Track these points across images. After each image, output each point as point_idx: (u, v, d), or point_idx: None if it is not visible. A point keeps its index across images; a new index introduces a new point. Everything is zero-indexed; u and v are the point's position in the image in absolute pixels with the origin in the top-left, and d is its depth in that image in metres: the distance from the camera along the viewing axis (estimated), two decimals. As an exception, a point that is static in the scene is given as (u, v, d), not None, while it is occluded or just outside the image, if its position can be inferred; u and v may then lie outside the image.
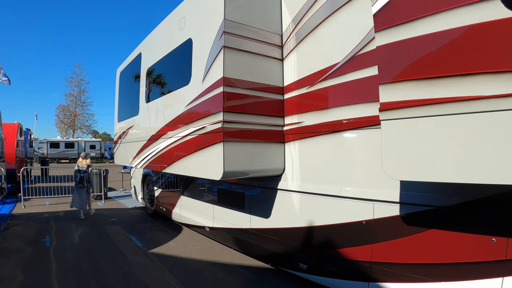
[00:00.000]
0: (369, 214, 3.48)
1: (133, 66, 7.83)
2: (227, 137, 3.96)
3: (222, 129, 3.96)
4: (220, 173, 3.93)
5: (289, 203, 4.45)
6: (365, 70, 3.50)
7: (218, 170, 3.97)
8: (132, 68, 7.95)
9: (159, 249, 6.28)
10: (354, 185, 3.66)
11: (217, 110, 4.07)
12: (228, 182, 5.53)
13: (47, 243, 6.58)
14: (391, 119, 2.62)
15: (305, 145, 4.26)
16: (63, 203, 11.27)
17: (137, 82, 7.40)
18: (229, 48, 4.05)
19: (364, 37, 3.51)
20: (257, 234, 5.00)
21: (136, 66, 7.42)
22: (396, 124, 2.59)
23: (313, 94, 4.16)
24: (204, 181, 6.38)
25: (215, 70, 4.15)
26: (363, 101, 3.54)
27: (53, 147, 41.68)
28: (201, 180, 6.48)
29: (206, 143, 4.26)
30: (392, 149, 2.63)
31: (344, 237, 3.77)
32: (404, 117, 2.51)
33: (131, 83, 8.08)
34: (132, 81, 8.02)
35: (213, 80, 4.17)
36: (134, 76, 7.66)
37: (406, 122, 2.51)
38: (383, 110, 2.67)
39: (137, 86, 7.39)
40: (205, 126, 4.30)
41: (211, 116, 4.19)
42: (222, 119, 3.97)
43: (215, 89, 4.13)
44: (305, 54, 4.31)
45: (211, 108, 4.22)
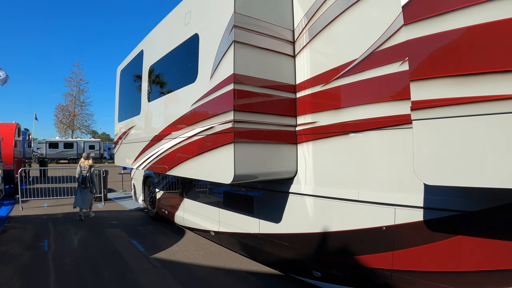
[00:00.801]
0: (390, 220, 3.27)
1: (134, 64, 7.58)
2: (238, 137, 3.72)
3: (232, 129, 3.72)
4: (231, 176, 3.69)
5: (302, 207, 4.21)
6: (385, 67, 3.31)
7: (228, 173, 3.73)
8: (133, 66, 7.70)
9: (162, 254, 6.03)
10: (374, 189, 3.45)
11: (227, 109, 3.83)
12: (235, 185, 5.29)
13: (45, 248, 6.32)
14: (424, 119, 2.42)
15: (319, 146, 4.03)
16: (62, 205, 11.03)
17: (138, 80, 7.15)
18: (239, 43, 3.81)
19: (384, 33, 3.31)
20: (266, 240, 4.76)
21: (137, 64, 7.17)
22: (430, 124, 2.38)
23: (328, 92, 3.93)
24: (209, 183, 6.13)
25: (224, 66, 3.91)
26: (384, 100, 3.35)
27: (52, 148, 41.39)
28: (205, 182, 6.23)
29: (215, 144, 4.01)
30: (426, 151, 2.44)
31: (362, 243, 3.56)
32: (440, 116, 2.31)
33: (132, 81, 7.83)
34: (133, 79, 7.77)
35: (222, 77, 3.93)
36: (136, 74, 7.41)
37: (442, 122, 2.31)
38: (416, 109, 2.46)
39: (138, 84, 7.15)
40: (214, 126, 4.06)
41: (220, 115, 3.95)
42: (233, 118, 3.72)
43: (224, 86, 3.89)
44: (319, 51, 4.08)
45: (220, 107, 3.98)
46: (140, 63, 6.97)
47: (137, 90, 7.34)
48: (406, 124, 3.11)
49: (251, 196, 5.04)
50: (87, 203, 9.17)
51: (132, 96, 7.82)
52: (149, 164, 6.26)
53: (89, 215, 9.39)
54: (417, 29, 2.41)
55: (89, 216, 9.36)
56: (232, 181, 3.70)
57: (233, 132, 3.70)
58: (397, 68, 3.20)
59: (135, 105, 7.42)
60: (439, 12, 2.27)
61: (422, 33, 2.39)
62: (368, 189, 3.49)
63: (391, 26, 3.24)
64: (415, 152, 2.48)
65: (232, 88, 3.74)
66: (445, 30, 2.25)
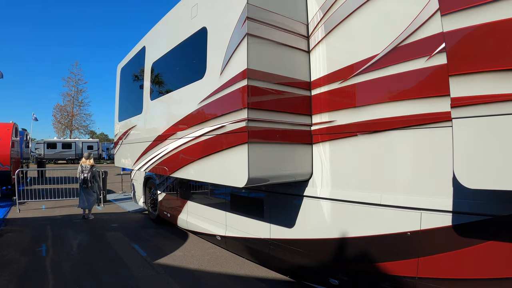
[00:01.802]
0: (415, 225, 3.06)
1: (136, 61, 7.30)
2: (252, 137, 3.45)
3: (246, 129, 3.45)
4: (244, 179, 3.42)
5: (317, 211, 3.96)
6: (409, 63, 3.10)
7: (241, 176, 3.46)
8: (134, 63, 7.42)
9: (165, 260, 5.76)
10: (398, 192, 3.23)
11: (239, 107, 3.56)
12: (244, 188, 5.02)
13: (43, 253, 6.03)
14: (466, 117, 2.22)
15: (337, 146, 3.78)
16: (60, 207, 10.75)
17: (140, 78, 6.88)
18: (253, 36, 3.55)
19: (408, 26, 3.10)
20: (278, 245, 4.50)
21: (139, 61, 6.89)
22: (472, 122, 2.17)
23: (347, 89, 3.68)
24: (215, 185, 5.86)
25: (236, 61, 3.64)
26: (408, 98, 3.13)
27: (50, 148, 41.06)
28: (211, 184, 5.96)
29: (226, 144, 3.74)
30: (468, 152, 2.23)
31: (385, 250, 3.34)
32: (483, 114, 2.11)
33: (134, 79, 7.56)
34: (134, 77, 7.49)
35: (233, 72, 3.66)
36: (137, 72, 7.14)
37: (486, 121, 2.10)
38: (456, 107, 2.26)
39: (140, 82, 6.87)
40: (225, 125, 3.79)
41: (232, 113, 3.68)
42: (247, 117, 3.45)
43: (236, 82, 3.62)
44: (336, 46, 3.83)
45: (231, 105, 3.71)
46: (142, 60, 6.69)
47: (138, 88, 7.06)
48: (434, 123, 2.94)
49: (261, 199, 4.77)
50: (91, 203, 9.11)
51: (133, 95, 7.54)
52: (152, 166, 5.98)
53: (89, 217, 9.14)
54: (457, 20, 2.22)
55: (88, 218, 9.12)
56: (246, 185, 3.43)
57: (247, 132, 3.43)
58: (423, 63, 3.00)
59: (137, 104, 7.15)
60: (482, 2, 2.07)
61: (463, 24, 2.20)
62: (391, 192, 3.27)
63: (416, 19, 3.04)
64: (456, 153, 2.29)
65: (245, 84, 3.47)
66: (491, 21, 2.06)
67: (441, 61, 2.88)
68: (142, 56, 6.70)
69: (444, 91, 2.85)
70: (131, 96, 7.76)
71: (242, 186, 3.47)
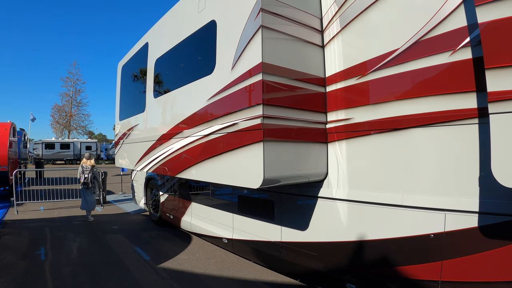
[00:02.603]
0: (439, 226, 2.91)
1: (138, 58, 7.08)
2: (267, 136, 3.24)
3: (261, 126, 3.24)
4: (259, 180, 3.22)
5: (333, 213, 3.77)
6: (432, 58, 2.94)
7: (256, 177, 3.25)
8: (136, 60, 7.20)
9: (169, 263, 5.55)
10: (420, 192, 3.06)
11: (254, 103, 3.35)
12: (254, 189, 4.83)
13: (42, 257, 5.81)
14: (505, 112, 2.09)
15: (355, 145, 3.58)
16: (59, 208, 10.54)
17: (142, 75, 6.66)
18: (267, 28, 3.35)
19: (431, 19, 2.94)
20: (289, 249, 4.30)
21: (141, 57, 6.67)
22: None
23: (364, 85, 3.49)
24: (221, 186, 5.66)
25: (249, 55, 3.44)
26: (431, 94, 2.97)
27: (48, 148, 40.82)
28: (216, 185, 5.75)
29: (239, 143, 3.54)
30: (507, 149, 2.11)
31: (406, 253, 3.18)
32: None
33: (136, 77, 7.34)
34: (136, 75, 7.28)
35: (246, 67, 3.46)
36: (140, 69, 6.91)
37: None
38: (494, 101, 2.13)
39: (142, 80, 6.65)
40: (237, 122, 3.58)
41: (246, 110, 3.47)
42: (262, 113, 3.25)
43: (250, 77, 3.42)
44: (353, 41, 3.64)
45: (245, 101, 3.50)
46: (144, 57, 6.48)
47: (140, 86, 6.85)
48: (459, 120, 2.79)
49: (271, 201, 4.56)
50: (93, 204, 9.07)
51: (135, 93, 7.33)
52: (155, 166, 5.77)
53: (88, 219, 8.97)
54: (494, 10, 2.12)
55: (87, 220, 8.94)
56: (260, 186, 3.23)
57: (262, 130, 3.22)
58: (447, 58, 2.84)
59: (139, 102, 6.94)
60: None
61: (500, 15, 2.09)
62: (413, 193, 3.10)
63: (439, 12, 2.89)
64: (493, 150, 2.18)
65: (260, 79, 3.27)
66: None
67: (466, 56, 2.74)
68: (145, 53, 6.48)
69: (469, 87, 2.74)
70: (133, 95, 7.54)
71: (257, 187, 3.26)
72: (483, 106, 2.62)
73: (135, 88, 7.40)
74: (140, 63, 6.84)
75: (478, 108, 2.68)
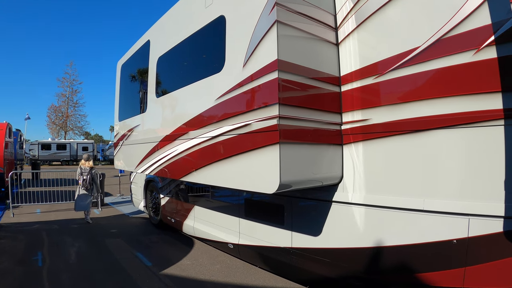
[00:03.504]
0: (462, 232, 2.79)
1: (138, 57, 6.87)
2: (284, 137, 3.05)
3: (277, 127, 3.05)
4: (274, 185, 3.03)
5: (348, 218, 3.59)
6: (455, 57, 2.82)
7: (271, 181, 3.06)
8: (137, 59, 6.99)
9: (172, 270, 5.34)
10: (443, 196, 2.93)
11: (269, 103, 3.16)
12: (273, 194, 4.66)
13: (39, 263, 5.57)
14: None
15: (373, 147, 3.41)
16: (56, 211, 10.28)
17: (144, 74, 6.44)
18: (282, 23, 3.16)
19: (453, 17, 2.81)
20: (300, 255, 4.12)
21: (142, 56, 6.46)
22: None
23: (383, 85, 3.33)
24: (226, 189, 5.45)
25: (263, 51, 3.26)
26: (455, 94, 2.84)
27: (45, 149, 40.47)
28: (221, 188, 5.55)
29: (251, 145, 3.34)
30: None
31: (427, 259, 3.04)
32: None
33: (136, 76, 7.13)
34: (137, 74, 7.06)
35: (260, 64, 3.27)
36: (141, 68, 6.70)
37: None
38: None
39: (144, 79, 6.44)
40: (250, 123, 3.39)
41: (259, 110, 3.28)
42: (278, 113, 3.06)
43: (264, 75, 3.23)
44: (370, 38, 3.48)
45: (258, 100, 3.31)
46: (146, 55, 6.27)
47: (142, 85, 6.65)
48: (485, 121, 2.67)
49: (281, 205, 4.37)
50: (88, 206, 8.88)
51: (135, 93, 7.12)
52: (158, 169, 5.56)
53: (87, 220, 8.82)
54: None
55: (86, 220, 8.80)
56: (276, 191, 3.04)
57: (278, 131, 3.03)
58: (470, 58, 2.72)
59: (140, 102, 6.75)
60: None
61: None
62: (435, 197, 2.96)
63: (461, 9, 2.76)
64: None
65: (276, 76, 3.08)
66: None
67: (490, 55, 2.62)
68: (146, 51, 6.28)
69: (495, 87, 2.62)
70: (133, 94, 7.32)
71: (272, 192, 3.07)
72: (510, 107, 2.54)
73: (135, 87, 7.19)
74: (141, 61, 6.64)
75: (504, 109, 2.58)
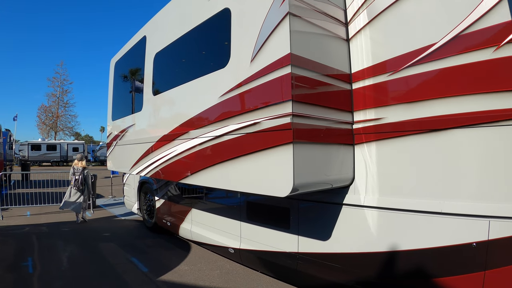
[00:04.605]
0: (482, 234, 2.67)
1: (134, 54, 6.62)
2: (297, 137, 2.86)
3: (291, 126, 2.86)
4: (287, 187, 2.83)
5: (361, 222, 3.42)
6: (474, 54, 2.70)
7: (283, 184, 2.86)
8: (132, 56, 6.74)
9: (170, 276, 5.11)
10: (462, 198, 2.79)
11: (281, 99, 2.96)
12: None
13: (30, 269, 5.29)
14: None
15: (387, 147, 3.24)
16: (47, 213, 9.96)
17: (139, 71, 6.20)
18: (294, 16, 2.98)
19: (473, 11, 2.68)
20: (308, 260, 3.93)
21: (138, 52, 6.22)
22: None
23: (398, 82, 3.16)
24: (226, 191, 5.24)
25: (274, 45, 3.06)
26: (475, 92, 2.71)
27: (35, 150, 39.74)
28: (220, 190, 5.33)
29: (261, 145, 3.14)
30: None
31: (444, 264, 2.92)
32: None
33: (131, 73, 6.88)
34: (132, 71, 6.82)
35: (270, 59, 3.08)
36: (136, 65, 6.46)
37: None
38: None
39: (140, 76, 6.19)
40: (259, 121, 3.19)
41: (270, 107, 3.08)
42: (291, 111, 2.86)
43: (275, 70, 3.03)
44: (383, 34, 3.31)
45: (269, 97, 3.11)
46: (142, 52, 6.02)
47: (137, 83, 6.41)
48: (505, 120, 2.55)
49: (286, 208, 4.17)
50: (79, 207, 8.78)
51: (130, 91, 6.87)
52: (155, 170, 5.32)
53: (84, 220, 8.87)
54: None
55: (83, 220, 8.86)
56: (290, 193, 2.85)
57: (292, 130, 2.84)
58: (490, 54, 2.60)
59: (135, 100, 6.50)
60: None
61: None
62: (454, 199, 2.82)
63: (480, 5, 2.64)
64: None
65: (288, 71, 2.89)
66: None
67: None
68: (142, 47, 6.03)
69: None
70: (128, 93, 7.08)
71: (285, 196, 2.88)
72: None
73: (130, 85, 6.94)
74: (136, 58, 6.40)
75: None
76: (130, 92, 6.92)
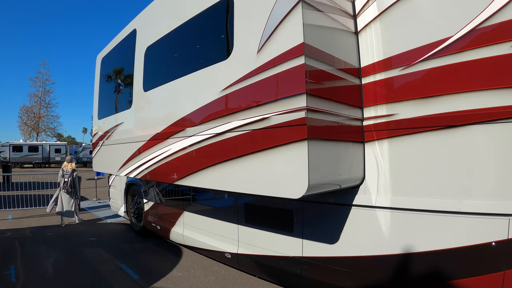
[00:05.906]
0: (502, 233, 2.59)
1: (122, 48, 6.31)
2: (312, 133, 2.65)
3: (305, 121, 2.64)
4: (301, 188, 2.61)
5: (372, 223, 3.25)
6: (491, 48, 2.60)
7: (297, 184, 2.65)
8: (120, 51, 6.43)
9: (163, 283, 4.82)
10: (480, 197, 2.70)
11: (294, 92, 2.74)
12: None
13: (13, 278, 4.91)
14: None
15: (400, 145, 3.08)
16: (29, 217, 9.50)
17: (129, 67, 5.85)
18: (306, 3, 2.78)
19: (490, 5, 2.59)
20: (313, 265, 3.73)
21: (127, 47, 5.91)
22: None
23: (411, 77, 3.02)
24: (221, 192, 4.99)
25: (284, 35, 2.85)
26: (493, 87, 2.63)
27: (16, 151, 38.50)
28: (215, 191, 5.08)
29: (270, 142, 2.91)
30: None
31: (462, 265, 2.83)
32: None
33: (120, 69, 6.57)
34: (121, 66, 6.51)
35: (281, 49, 2.86)
36: (125, 60, 6.14)
37: None
38: None
39: (129, 72, 5.87)
40: (268, 117, 2.95)
41: (281, 101, 2.86)
42: (306, 105, 2.65)
43: (286, 61, 2.81)
44: (395, 27, 3.17)
45: (279, 90, 2.89)
46: (131, 46, 5.71)
47: (126, 79, 6.10)
48: None
49: (289, 210, 3.96)
50: (70, 210, 8.71)
51: (118, 87, 6.56)
52: (146, 171, 5.03)
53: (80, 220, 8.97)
54: None
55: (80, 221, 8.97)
56: (304, 194, 2.64)
57: (307, 126, 2.63)
58: (508, 49, 2.52)
59: (123, 97, 6.23)
60: None
61: None
62: (472, 198, 2.73)
63: None
64: None
65: (302, 62, 2.68)
66: None
67: None
68: (132, 41, 5.72)
69: None
70: (116, 90, 6.75)
71: (299, 197, 2.66)
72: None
73: (119, 82, 6.62)
74: (125, 53, 6.10)
75: None
76: (118, 89, 6.60)
